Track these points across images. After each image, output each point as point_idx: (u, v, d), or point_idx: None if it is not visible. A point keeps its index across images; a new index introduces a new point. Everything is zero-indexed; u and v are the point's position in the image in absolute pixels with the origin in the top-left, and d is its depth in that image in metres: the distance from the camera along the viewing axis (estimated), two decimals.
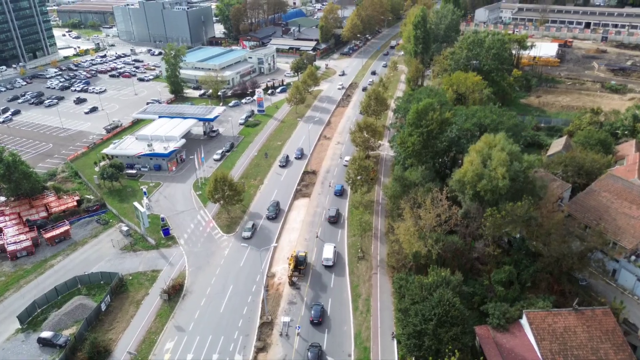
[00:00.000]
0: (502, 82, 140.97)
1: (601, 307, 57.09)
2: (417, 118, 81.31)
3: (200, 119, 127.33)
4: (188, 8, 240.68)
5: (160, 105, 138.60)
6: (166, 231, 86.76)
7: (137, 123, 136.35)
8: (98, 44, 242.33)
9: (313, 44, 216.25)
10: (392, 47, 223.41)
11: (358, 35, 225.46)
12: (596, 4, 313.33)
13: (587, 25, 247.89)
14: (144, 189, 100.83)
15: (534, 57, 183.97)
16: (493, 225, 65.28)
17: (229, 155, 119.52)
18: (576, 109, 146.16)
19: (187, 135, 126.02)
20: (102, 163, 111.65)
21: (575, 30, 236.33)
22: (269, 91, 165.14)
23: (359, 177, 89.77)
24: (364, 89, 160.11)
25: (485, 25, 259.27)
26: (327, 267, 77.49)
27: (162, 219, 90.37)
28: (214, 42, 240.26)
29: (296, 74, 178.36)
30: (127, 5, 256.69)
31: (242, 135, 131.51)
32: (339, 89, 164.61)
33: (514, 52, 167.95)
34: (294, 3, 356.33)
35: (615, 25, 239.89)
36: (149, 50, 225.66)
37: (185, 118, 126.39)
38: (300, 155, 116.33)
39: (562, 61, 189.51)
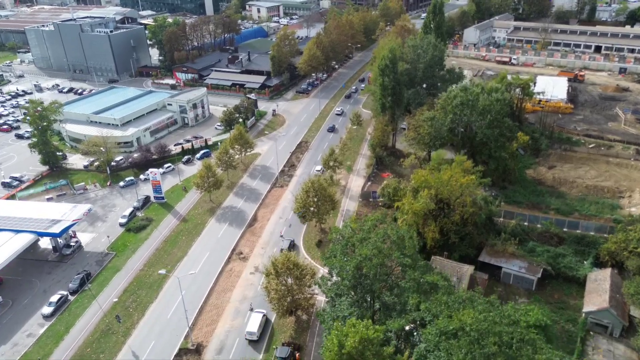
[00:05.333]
0: (503, 153, 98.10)
1: None
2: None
3: (39, 234, 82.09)
4: (112, 31, 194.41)
5: None
6: None
7: None
8: (1, 75, 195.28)
9: (262, 78, 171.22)
10: (348, 97, 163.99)
11: (314, 74, 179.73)
12: (602, 19, 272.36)
13: (597, 48, 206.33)
14: None
15: (539, 101, 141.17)
16: None
17: (73, 301, 74.39)
18: (608, 192, 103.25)
19: (27, 253, 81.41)
20: None
21: (585, 57, 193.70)
22: (185, 158, 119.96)
23: None
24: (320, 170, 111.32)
25: (475, 47, 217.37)
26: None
27: None
28: (144, 72, 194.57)
29: (228, 128, 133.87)
30: (42, 26, 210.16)
31: (114, 251, 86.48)
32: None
33: (515, 98, 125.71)
34: (258, 17, 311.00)
35: (632, 50, 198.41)
36: (55, 86, 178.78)
37: (17, 232, 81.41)
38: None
39: (574, 104, 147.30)
